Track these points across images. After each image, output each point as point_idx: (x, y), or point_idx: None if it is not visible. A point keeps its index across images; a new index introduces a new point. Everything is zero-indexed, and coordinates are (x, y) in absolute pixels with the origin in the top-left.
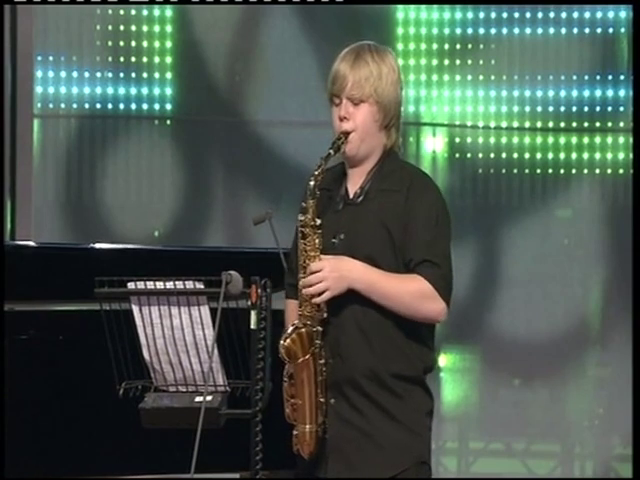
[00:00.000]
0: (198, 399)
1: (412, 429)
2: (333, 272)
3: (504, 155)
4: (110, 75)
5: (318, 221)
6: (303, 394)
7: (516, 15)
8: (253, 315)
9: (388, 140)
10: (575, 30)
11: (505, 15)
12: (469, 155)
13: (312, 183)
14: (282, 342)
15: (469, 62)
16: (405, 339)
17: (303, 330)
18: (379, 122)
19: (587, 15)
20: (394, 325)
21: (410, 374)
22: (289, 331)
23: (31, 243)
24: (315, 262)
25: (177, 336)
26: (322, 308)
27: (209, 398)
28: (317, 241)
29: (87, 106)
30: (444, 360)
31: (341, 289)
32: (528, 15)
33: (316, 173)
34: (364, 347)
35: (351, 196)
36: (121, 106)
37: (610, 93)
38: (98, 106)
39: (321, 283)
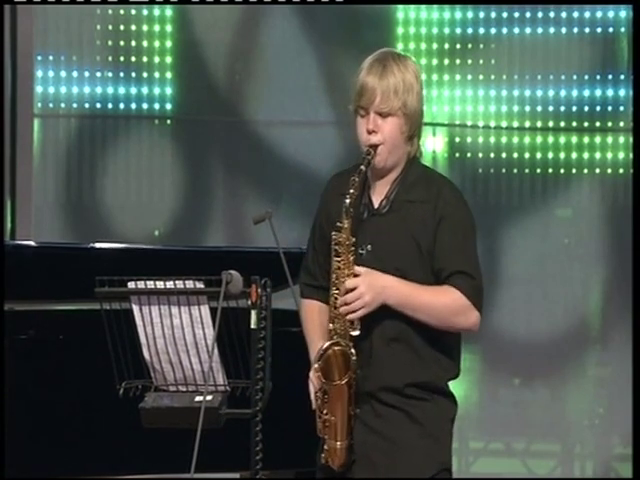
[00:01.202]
0: (198, 399)
1: (436, 435)
2: (369, 289)
3: (504, 155)
4: (110, 75)
5: (352, 239)
6: (336, 412)
7: (516, 15)
8: (253, 315)
9: (412, 148)
10: (575, 30)
11: (505, 15)
12: (469, 155)
13: (348, 201)
14: (317, 365)
15: (469, 62)
16: (431, 350)
17: (337, 349)
18: (406, 134)
19: (587, 15)
20: (420, 336)
21: (435, 384)
22: (323, 348)
23: (31, 243)
24: (350, 280)
25: (177, 335)
26: (356, 325)
27: (209, 398)
28: (351, 258)
29: (87, 106)
30: None
31: (376, 305)
32: (528, 15)
33: (351, 191)
34: (391, 358)
35: (376, 206)
36: (121, 106)
37: (610, 93)
38: (98, 106)
39: (358, 301)
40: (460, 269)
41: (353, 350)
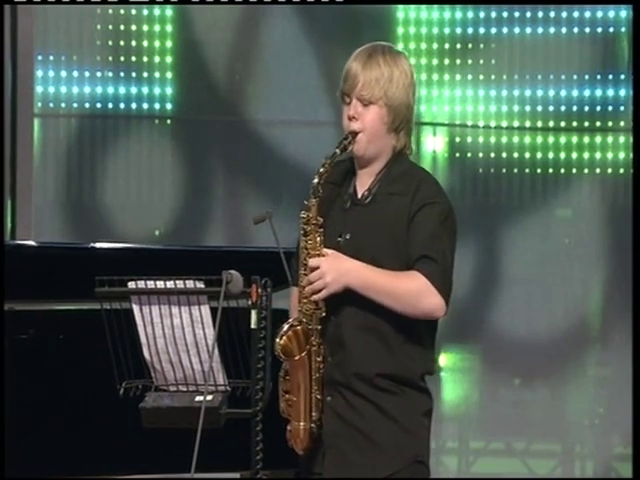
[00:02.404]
0: (198, 399)
1: (408, 428)
2: (330, 270)
3: (504, 155)
4: (110, 74)
5: (320, 219)
6: (298, 391)
7: (516, 14)
8: (253, 314)
9: (397, 142)
10: (575, 30)
11: (505, 14)
12: (469, 155)
13: (316, 181)
14: (278, 340)
15: (469, 61)
16: (403, 341)
17: (299, 328)
18: (388, 124)
19: (587, 15)
20: (392, 327)
21: (407, 376)
22: (285, 329)
23: (31, 243)
24: (313, 259)
25: (177, 335)
26: (321, 306)
27: (209, 398)
28: (318, 239)
29: (87, 105)
30: (444, 360)
31: (338, 287)
32: (528, 14)
33: (321, 171)
34: (362, 347)
35: (359, 196)
36: (121, 105)
37: (610, 92)
38: (98, 105)
39: (319, 281)
40: (426, 254)
41: (317, 327)
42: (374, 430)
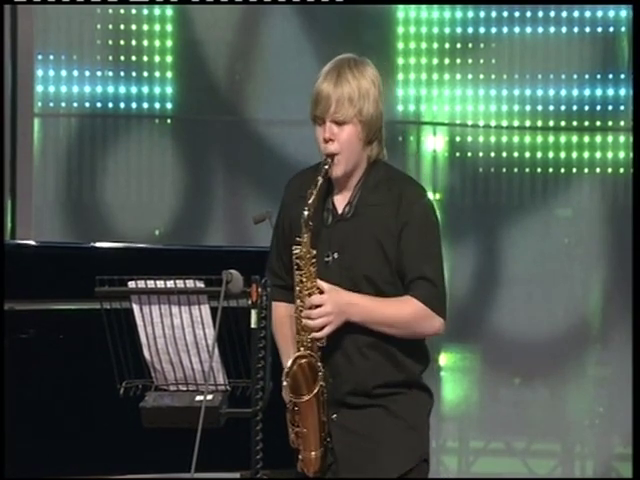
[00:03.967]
0: (198, 398)
1: (414, 427)
2: (334, 307)
3: (504, 154)
4: (111, 74)
5: (313, 251)
6: (308, 424)
7: (516, 14)
8: (253, 314)
9: (372, 152)
10: (575, 29)
11: (505, 14)
12: (469, 154)
13: (306, 214)
14: (285, 379)
15: (469, 61)
16: (402, 349)
17: (304, 361)
18: (363, 140)
19: (587, 14)
20: (390, 339)
21: (405, 378)
22: (289, 365)
23: (31, 242)
24: (316, 296)
25: (177, 335)
26: (322, 338)
27: (209, 397)
28: (312, 269)
29: (88, 105)
30: (444, 359)
31: (340, 322)
32: (528, 14)
33: (309, 202)
34: (362, 364)
35: (340, 211)
36: (122, 105)
37: (610, 92)
38: (99, 105)
39: (323, 318)
40: (422, 275)
41: (319, 363)
42: (382, 432)
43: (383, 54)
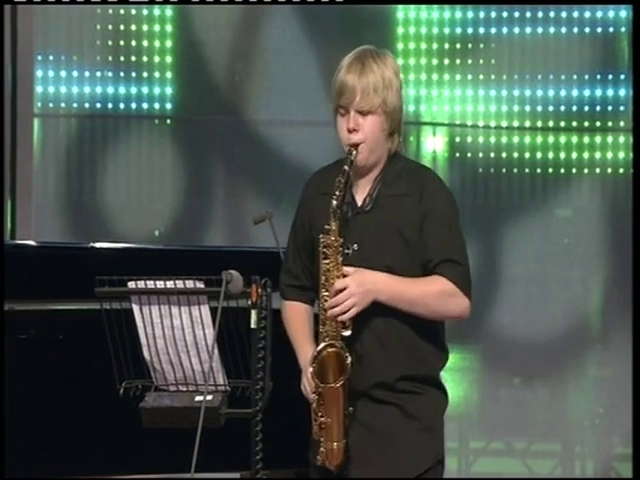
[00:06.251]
0: (198, 398)
1: (430, 427)
2: (359, 288)
3: (504, 154)
4: (110, 74)
5: (340, 240)
6: (332, 414)
7: (516, 14)
8: (253, 314)
9: (392, 145)
10: (575, 29)
11: (505, 14)
12: (469, 154)
13: (335, 204)
14: (311, 365)
15: (469, 61)
16: (422, 341)
17: (332, 350)
18: (387, 131)
19: (587, 14)
20: (411, 330)
21: (427, 374)
22: (318, 350)
23: (31, 242)
24: (339, 280)
25: (177, 335)
26: (348, 325)
27: (209, 398)
28: (340, 259)
29: (87, 105)
30: None
31: (366, 302)
32: (528, 14)
33: (337, 193)
34: (381, 355)
35: (359, 204)
36: (121, 105)
37: (610, 92)
38: (98, 105)
39: (348, 301)
40: (446, 257)
41: (347, 353)
42: (399, 431)
43: None
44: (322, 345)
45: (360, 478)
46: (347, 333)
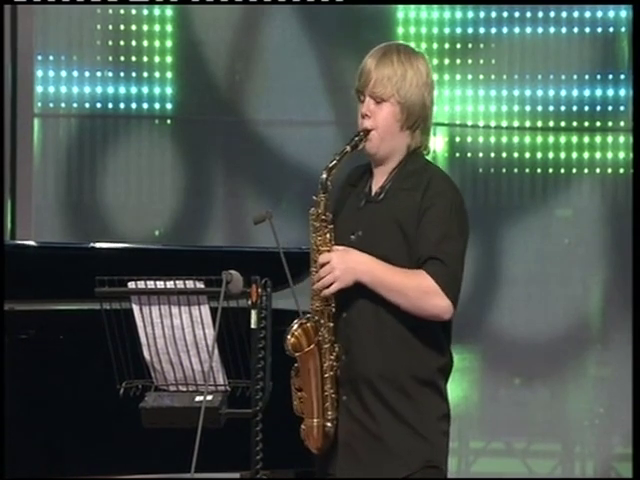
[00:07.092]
0: (198, 399)
1: (421, 433)
2: (340, 264)
3: (504, 154)
4: (110, 74)
5: (329, 215)
6: (309, 387)
7: (516, 14)
8: (253, 314)
9: (412, 141)
10: (575, 29)
11: (505, 14)
12: (469, 154)
13: (324, 176)
14: (288, 337)
15: (469, 61)
16: (417, 339)
17: (308, 324)
18: (401, 122)
19: (587, 14)
20: (406, 324)
21: (423, 375)
22: (294, 327)
23: (31, 243)
24: (323, 254)
25: (177, 335)
26: (331, 302)
27: (209, 398)
28: (328, 236)
29: (87, 105)
30: None
31: (348, 281)
32: (528, 14)
33: (329, 166)
34: (374, 346)
35: (373, 194)
36: (121, 105)
37: (610, 92)
38: (98, 105)
39: (329, 275)
40: (433, 255)
41: (329, 324)
42: (387, 434)
43: None
44: (297, 322)
45: (343, 478)
46: (332, 310)
